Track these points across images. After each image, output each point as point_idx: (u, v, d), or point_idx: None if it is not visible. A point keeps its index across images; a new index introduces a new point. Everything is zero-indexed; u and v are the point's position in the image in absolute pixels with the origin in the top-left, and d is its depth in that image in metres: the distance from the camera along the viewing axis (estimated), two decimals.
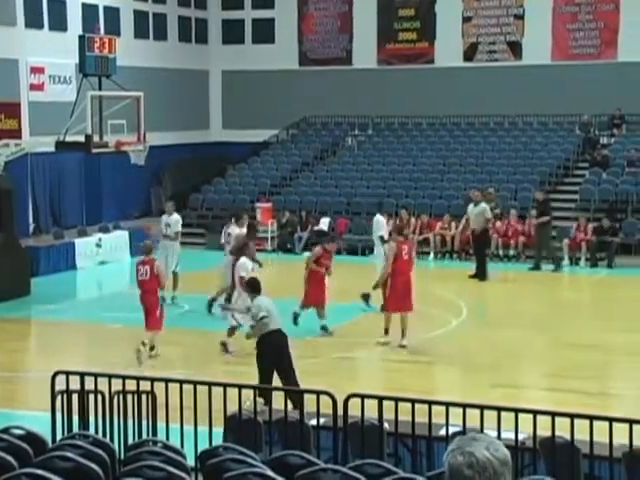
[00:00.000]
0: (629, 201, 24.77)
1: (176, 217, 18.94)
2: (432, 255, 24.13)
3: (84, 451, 6.25)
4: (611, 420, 7.24)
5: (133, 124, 19.69)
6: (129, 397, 8.62)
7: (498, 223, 23.72)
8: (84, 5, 27.61)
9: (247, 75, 32.40)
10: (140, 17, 30.22)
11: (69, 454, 5.97)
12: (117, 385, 8.66)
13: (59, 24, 26.51)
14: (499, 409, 7.50)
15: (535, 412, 7.49)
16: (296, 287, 16.29)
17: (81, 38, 19.92)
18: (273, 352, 11.13)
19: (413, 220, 24.69)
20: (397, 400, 7.81)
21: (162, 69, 30.15)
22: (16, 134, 23.03)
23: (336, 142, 31.10)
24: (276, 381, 11.04)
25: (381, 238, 17.86)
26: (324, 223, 25.91)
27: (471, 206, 21.58)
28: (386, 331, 14.92)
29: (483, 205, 21.26)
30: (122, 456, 7.12)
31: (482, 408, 7.58)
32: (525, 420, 7.48)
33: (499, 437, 7.11)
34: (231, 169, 30.43)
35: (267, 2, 32.76)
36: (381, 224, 18.26)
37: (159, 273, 14.28)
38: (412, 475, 6.07)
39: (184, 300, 18.34)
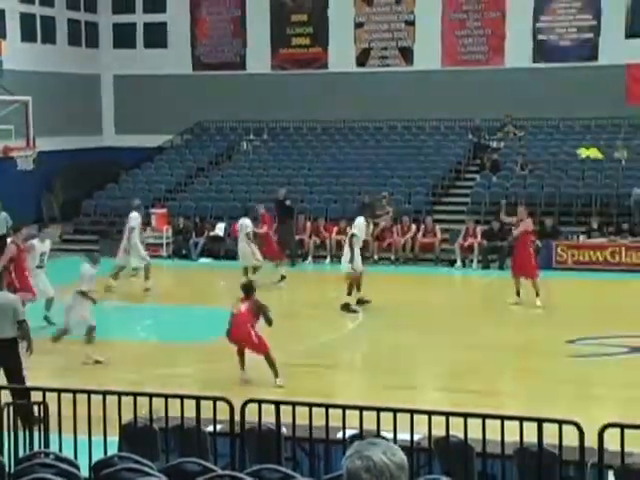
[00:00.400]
0: (518, 204, 25.36)
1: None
2: (329, 259, 24.28)
3: None
4: (503, 418, 7.40)
5: (22, 129, 19.25)
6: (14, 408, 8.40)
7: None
8: None
9: (140, 79, 32.01)
10: (27, 19, 29.52)
11: None
12: (7, 397, 8.43)
13: None
14: (395, 411, 7.58)
15: (430, 413, 7.59)
16: (188, 292, 16.20)
17: None
18: None
19: (308, 224, 24.86)
20: (294, 404, 7.82)
21: (52, 73, 29.53)
22: None
23: (231, 147, 31.00)
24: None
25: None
26: (220, 228, 25.80)
27: None
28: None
29: None
30: (12, 469, 6.92)
31: (378, 410, 7.64)
32: (420, 421, 7.58)
33: (395, 438, 7.19)
34: (124, 175, 30.02)
35: (158, 6, 32.43)
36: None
37: None
38: (310, 479, 6.08)
39: None
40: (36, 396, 8.52)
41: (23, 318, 11.23)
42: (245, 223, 21.00)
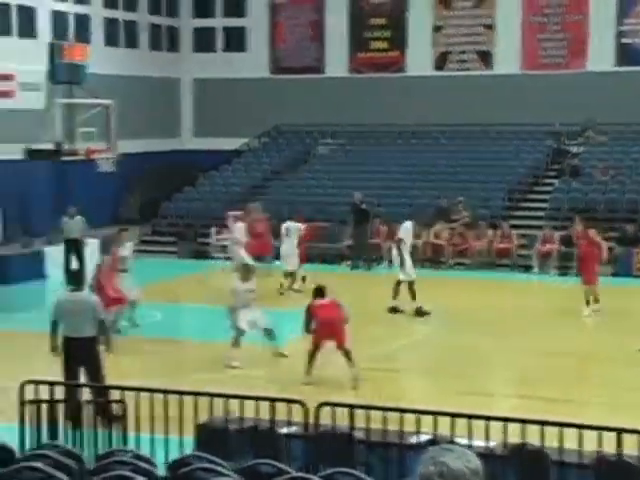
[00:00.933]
0: (598, 210, 24.98)
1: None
2: None
3: (53, 461, 6.19)
4: (581, 427, 7.29)
5: (104, 132, 19.63)
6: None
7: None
8: (54, 12, 27.47)
9: (218, 83, 32.36)
10: (111, 25, 30.10)
11: (38, 464, 5.92)
12: (87, 395, 8.60)
13: (28, 31, 26.34)
14: (470, 417, 7.53)
15: (506, 420, 7.52)
16: (264, 294, 16.22)
17: (51, 45, 19.82)
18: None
19: (383, 228, 24.80)
20: (368, 408, 7.82)
21: (133, 77, 30.04)
22: None
23: (307, 150, 31.11)
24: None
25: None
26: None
27: None
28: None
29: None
30: (92, 466, 7.06)
31: (453, 416, 7.60)
32: (496, 428, 7.51)
33: (470, 445, 7.14)
34: (202, 177, 30.36)
35: (238, 10, 32.76)
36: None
37: None
38: None
39: (154, 310, 18.26)
40: (115, 395, 8.67)
41: (103, 318, 11.44)
42: (296, 226, 20.95)
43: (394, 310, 17.96)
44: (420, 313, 17.76)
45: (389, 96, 30.44)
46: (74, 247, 21.30)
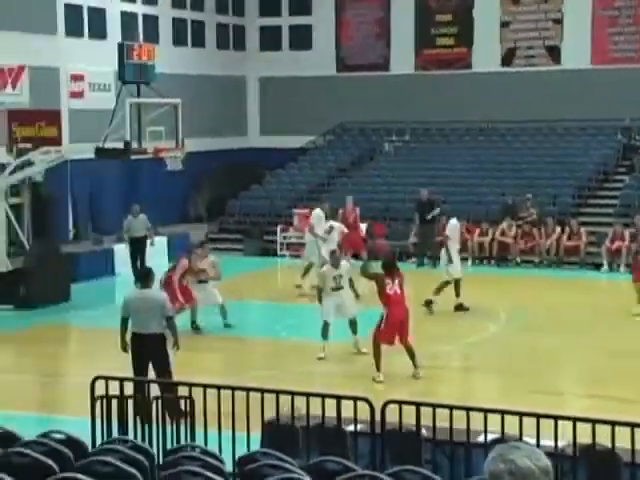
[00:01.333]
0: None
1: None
2: (470, 261, 24.03)
3: (123, 456, 6.29)
4: None
5: (171, 131, 19.82)
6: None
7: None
8: (123, 13, 27.87)
9: (284, 81, 32.49)
10: (179, 24, 30.44)
11: (109, 459, 6.02)
12: (155, 391, 8.71)
13: (99, 32, 26.79)
14: (538, 416, 7.45)
15: (575, 419, 7.43)
16: None
17: (120, 46, 20.09)
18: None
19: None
20: (435, 406, 7.78)
21: (200, 76, 30.33)
22: (56, 141, 23.27)
23: (373, 148, 31.06)
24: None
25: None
26: (362, 228, 25.85)
27: None
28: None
29: None
30: (161, 461, 7.15)
31: (521, 415, 7.53)
32: (565, 427, 7.42)
33: (538, 444, 7.06)
34: (268, 175, 30.51)
35: (304, 9, 32.85)
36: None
37: None
38: None
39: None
40: (183, 391, 8.76)
41: (171, 314, 11.57)
42: (340, 226, 20.67)
43: (460, 308, 17.88)
44: (460, 308, 17.81)
45: (455, 93, 30.25)
46: (139, 246, 21.62)
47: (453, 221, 18.57)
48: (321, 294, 14.68)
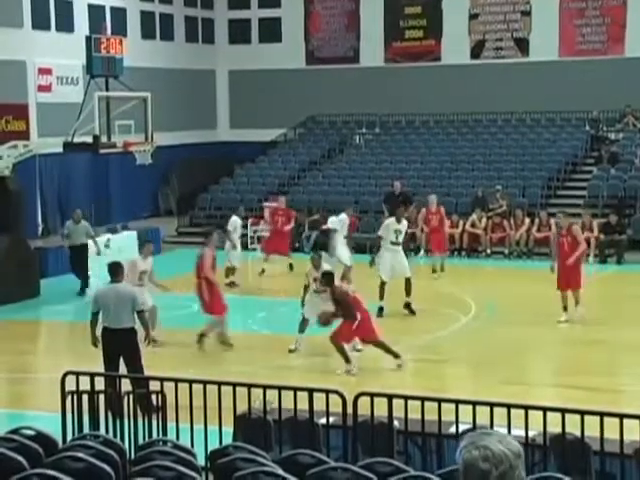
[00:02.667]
0: (637, 197, 24.71)
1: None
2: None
3: (95, 451, 6.26)
4: (622, 416, 7.22)
5: (141, 124, 19.72)
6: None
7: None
8: (90, 6, 27.66)
9: (254, 74, 32.41)
10: (147, 17, 30.26)
11: (80, 454, 5.99)
12: (127, 385, 8.67)
13: (66, 25, 26.56)
14: (509, 406, 7.50)
15: (545, 409, 7.48)
16: (301, 285, 16.21)
17: (88, 39, 19.95)
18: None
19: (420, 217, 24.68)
20: (406, 398, 7.81)
21: (169, 69, 30.19)
22: (24, 135, 23.10)
23: (344, 141, 31.08)
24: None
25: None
26: (332, 222, 25.86)
27: None
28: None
29: None
30: (132, 456, 7.13)
31: (492, 405, 7.57)
32: (535, 417, 7.47)
33: (509, 434, 7.11)
34: (239, 168, 30.45)
35: (273, 1, 32.77)
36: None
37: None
38: (422, 473, 6.07)
39: (191, 300, 18.35)
40: (154, 385, 8.73)
41: (141, 308, 11.52)
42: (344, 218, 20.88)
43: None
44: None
45: (425, 85, 30.32)
46: (78, 254, 20.00)
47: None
48: (306, 292, 14.72)
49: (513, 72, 29.66)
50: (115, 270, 11.85)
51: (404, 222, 17.16)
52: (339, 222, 20.39)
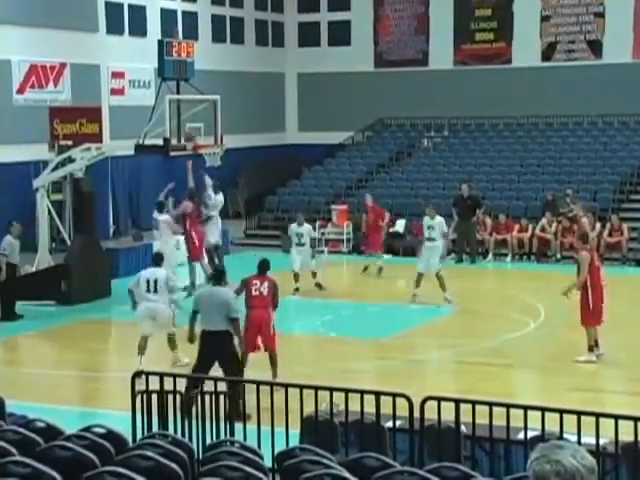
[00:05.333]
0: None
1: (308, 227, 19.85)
2: (510, 257, 23.89)
3: (164, 450, 6.33)
4: None
5: (210, 127, 19.89)
6: (207, 398, 8.71)
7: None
8: (163, 10, 28.03)
9: (323, 77, 32.49)
10: (218, 21, 30.56)
11: (149, 453, 6.06)
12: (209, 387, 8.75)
13: (139, 29, 26.96)
14: (579, 413, 7.39)
15: (617, 417, 7.35)
16: (368, 288, 16.32)
17: (160, 43, 20.19)
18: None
19: (489, 221, 24.49)
20: (474, 403, 7.74)
21: (239, 72, 30.43)
22: (97, 138, 23.48)
23: (412, 144, 30.98)
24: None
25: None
26: (400, 225, 25.83)
27: None
28: (590, 348, 13.97)
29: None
30: (200, 456, 7.19)
31: (561, 412, 7.47)
32: (606, 425, 7.35)
33: (579, 441, 7.01)
34: (306, 171, 30.55)
35: (343, 4, 32.82)
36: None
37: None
38: (490, 479, 6.01)
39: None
40: (221, 387, 8.80)
41: (235, 316, 11.48)
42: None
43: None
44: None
45: (495, 88, 30.07)
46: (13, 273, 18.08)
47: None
48: None
49: (585, 75, 29.24)
50: (219, 274, 12.06)
51: (438, 218, 18.67)
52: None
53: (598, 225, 23.70)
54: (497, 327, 16.53)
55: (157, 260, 14.39)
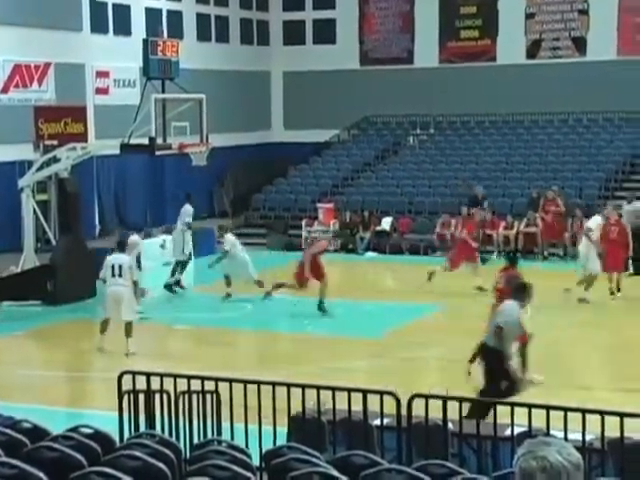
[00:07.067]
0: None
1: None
2: (495, 254, 23.93)
3: (151, 450, 6.32)
4: None
5: (196, 126, 19.87)
6: (194, 397, 8.70)
7: None
8: (147, 9, 27.96)
9: (308, 75, 32.48)
10: (202, 20, 30.50)
11: (137, 453, 6.05)
12: (182, 385, 8.74)
13: (123, 29, 26.89)
14: (566, 409, 7.41)
15: (603, 412, 7.38)
16: (356, 286, 16.34)
17: (145, 42, 20.15)
18: None
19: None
20: (461, 400, 7.76)
21: (224, 71, 30.38)
22: (82, 137, 23.40)
23: (397, 141, 31.02)
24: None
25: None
26: (386, 223, 25.88)
27: None
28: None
29: None
30: (188, 455, 7.18)
31: (548, 408, 7.49)
32: (593, 421, 7.37)
33: (566, 437, 7.03)
34: (293, 169, 30.55)
35: (328, 3, 32.81)
36: None
37: None
38: (478, 476, 6.03)
39: (246, 300, 18.49)
40: (209, 385, 8.78)
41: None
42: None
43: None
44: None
45: (480, 86, 30.12)
46: None
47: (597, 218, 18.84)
48: None
49: (570, 72, 29.33)
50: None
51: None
52: None
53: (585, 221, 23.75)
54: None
55: (121, 246, 15.52)
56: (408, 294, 18.18)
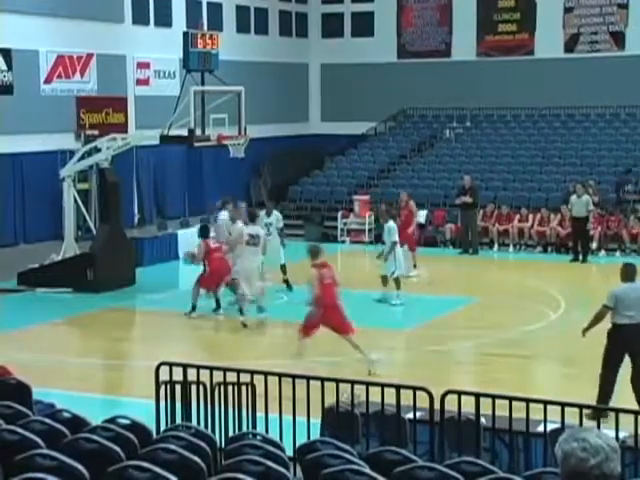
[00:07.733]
0: None
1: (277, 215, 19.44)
2: (511, 247, 23.95)
3: (187, 443, 6.43)
4: None
5: (234, 117, 20.01)
6: (230, 388, 8.84)
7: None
8: (188, 1, 28.14)
9: (346, 68, 32.52)
10: (242, 12, 30.63)
11: (172, 446, 6.15)
12: (218, 377, 8.89)
13: (164, 20, 27.10)
14: (598, 409, 7.47)
15: (636, 412, 7.44)
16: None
17: (185, 35, 20.31)
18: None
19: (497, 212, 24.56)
20: (494, 397, 7.84)
21: (263, 63, 30.50)
22: (122, 127, 23.68)
23: (434, 134, 30.99)
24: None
25: None
26: (421, 215, 25.89)
27: (574, 197, 22.39)
28: None
29: (586, 197, 22.22)
30: (222, 445, 7.31)
31: (581, 407, 7.56)
32: (625, 419, 7.44)
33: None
34: (329, 161, 30.63)
35: None
36: None
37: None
38: (510, 475, 6.11)
39: (282, 291, 18.65)
40: (245, 377, 8.93)
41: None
42: None
43: None
44: None
45: (517, 79, 30.00)
46: None
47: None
48: None
49: (608, 66, 29.11)
50: None
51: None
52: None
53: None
54: (517, 318, 16.59)
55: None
56: (441, 287, 18.24)
